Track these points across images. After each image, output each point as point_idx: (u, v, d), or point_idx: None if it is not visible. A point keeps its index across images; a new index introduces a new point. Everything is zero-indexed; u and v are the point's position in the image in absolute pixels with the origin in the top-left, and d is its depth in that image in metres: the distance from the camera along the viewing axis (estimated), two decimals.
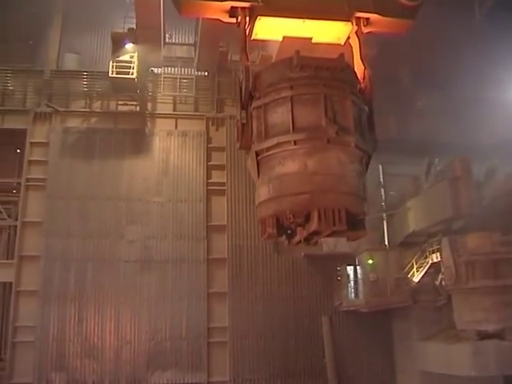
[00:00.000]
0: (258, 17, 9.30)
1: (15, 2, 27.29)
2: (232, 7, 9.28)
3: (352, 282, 25.36)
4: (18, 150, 26.15)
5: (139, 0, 21.96)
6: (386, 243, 26.56)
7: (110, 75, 24.36)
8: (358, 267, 25.30)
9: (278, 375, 24.38)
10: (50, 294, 23.81)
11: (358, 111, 8.86)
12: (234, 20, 9.32)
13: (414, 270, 23.59)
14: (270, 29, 9.58)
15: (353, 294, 25.18)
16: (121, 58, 24.43)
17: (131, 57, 24.52)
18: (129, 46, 24.57)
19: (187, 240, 25.39)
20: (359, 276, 25.03)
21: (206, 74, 27.65)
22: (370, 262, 24.53)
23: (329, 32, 9.70)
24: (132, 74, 24.54)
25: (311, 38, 9.83)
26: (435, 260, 22.91)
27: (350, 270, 25.74)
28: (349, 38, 9.67)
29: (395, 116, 27.10)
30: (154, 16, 22.30)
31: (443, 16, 25.00)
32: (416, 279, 23.39)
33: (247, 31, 9.29)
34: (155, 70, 27.33)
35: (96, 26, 27.56)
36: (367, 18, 9.54)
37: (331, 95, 8.54)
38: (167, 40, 26.76)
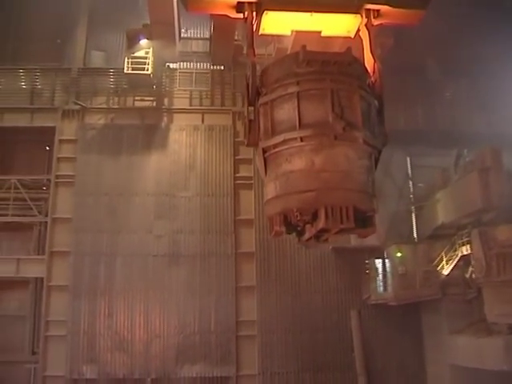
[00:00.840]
0: (265, 11, 9.06)
1: (42, 2, 27.50)
2: (238, 2, 9.10)
3: (380, 276, 25.03)
4: (48, 148, 26.34)
5: None
6: (415, 236, 26.11)
7: (125, 71, 24.43)
8: (386, 260, 24.92)
9: (307, 369, 24.27)
10: (80, 288, 24.11)
11: (367, 106, 8.57)
12: (241, 15, 9.10)
13: (444, 262, 23.22)
14: (278, 23, 9.35)
15: (381, 288, 24.88)
16: (136, 54, 24.44)
17: (146, 52, 24.55)
18: (143, 42, 24.63)
19: (215, 234, 25.41)
20: (388, 269, 24.69)
21: (222, 68, 27.43)
22: (399, 254, 24.19)
23: (338, 25, 9.42)
24: (147, 70, 24.56)
25: (320, 32, 9.54)
26: (465, 252, 22.49)
27: (378, 263, 25.41)
28: (359, 30, 9.35)
29: (423, 107, 26.60)
30: (167, 11, 22.21)
31: (471, 4, 24.43)
32: (445, 272, 22.97)
33: (254, 26, 9.08)
34: (172, 65, 27.24)
35: (121, 23, 27.57)
36: (377, 10, 9.21)
37: (338, 90, 8.29)
38: (183, 35, 26.68)
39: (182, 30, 26.81)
